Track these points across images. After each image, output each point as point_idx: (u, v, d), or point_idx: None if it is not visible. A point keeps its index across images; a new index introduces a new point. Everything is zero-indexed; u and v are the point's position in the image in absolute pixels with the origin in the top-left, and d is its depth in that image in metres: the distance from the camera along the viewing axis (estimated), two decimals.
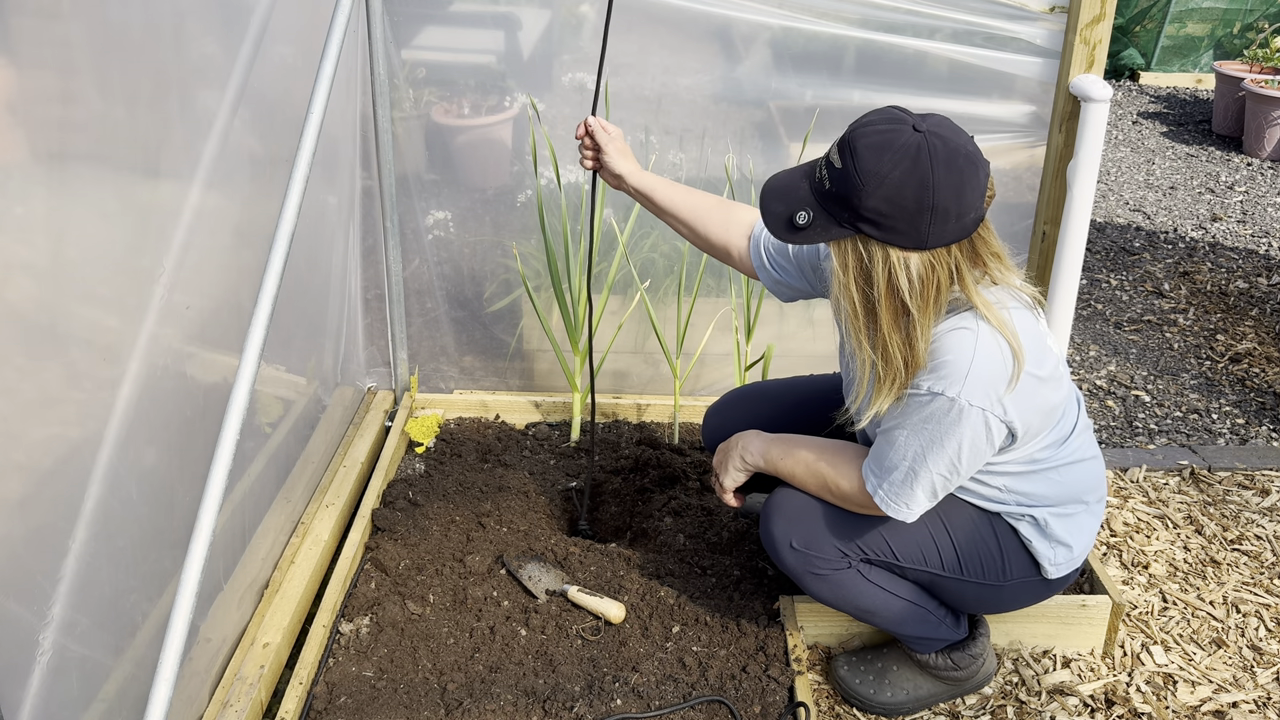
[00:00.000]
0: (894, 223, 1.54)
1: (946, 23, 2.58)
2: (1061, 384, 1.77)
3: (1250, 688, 2.17)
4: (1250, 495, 2.82)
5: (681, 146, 2.76)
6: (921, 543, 1.86)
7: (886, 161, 1.52)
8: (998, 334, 1.62)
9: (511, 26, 2.69)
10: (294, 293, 2.29)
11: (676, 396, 2.88)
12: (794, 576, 1.92)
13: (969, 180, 1.55)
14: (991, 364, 1.61)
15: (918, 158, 1.52)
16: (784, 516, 1.89)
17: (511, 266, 2.90)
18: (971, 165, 1.56)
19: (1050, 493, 1.85)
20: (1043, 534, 1.87)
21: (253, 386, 1.57)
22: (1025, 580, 1.92)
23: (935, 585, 1.92)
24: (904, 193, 1.52)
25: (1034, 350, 1.67)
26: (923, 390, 1.64)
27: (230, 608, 2.03)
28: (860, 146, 1.55)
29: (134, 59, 1.61)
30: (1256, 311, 4.04)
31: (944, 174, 1.52)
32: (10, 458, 1.34)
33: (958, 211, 1.55)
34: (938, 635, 1.99)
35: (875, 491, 1.76)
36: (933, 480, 1.71)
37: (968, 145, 1.57)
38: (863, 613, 1.93)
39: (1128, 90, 7.67)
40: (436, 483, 2.58)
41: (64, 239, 1.44)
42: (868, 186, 1.53)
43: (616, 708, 1.95)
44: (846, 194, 1.56)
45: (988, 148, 2.69)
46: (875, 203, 1.54)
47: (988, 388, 1.61)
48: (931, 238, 1.56)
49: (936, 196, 1.52)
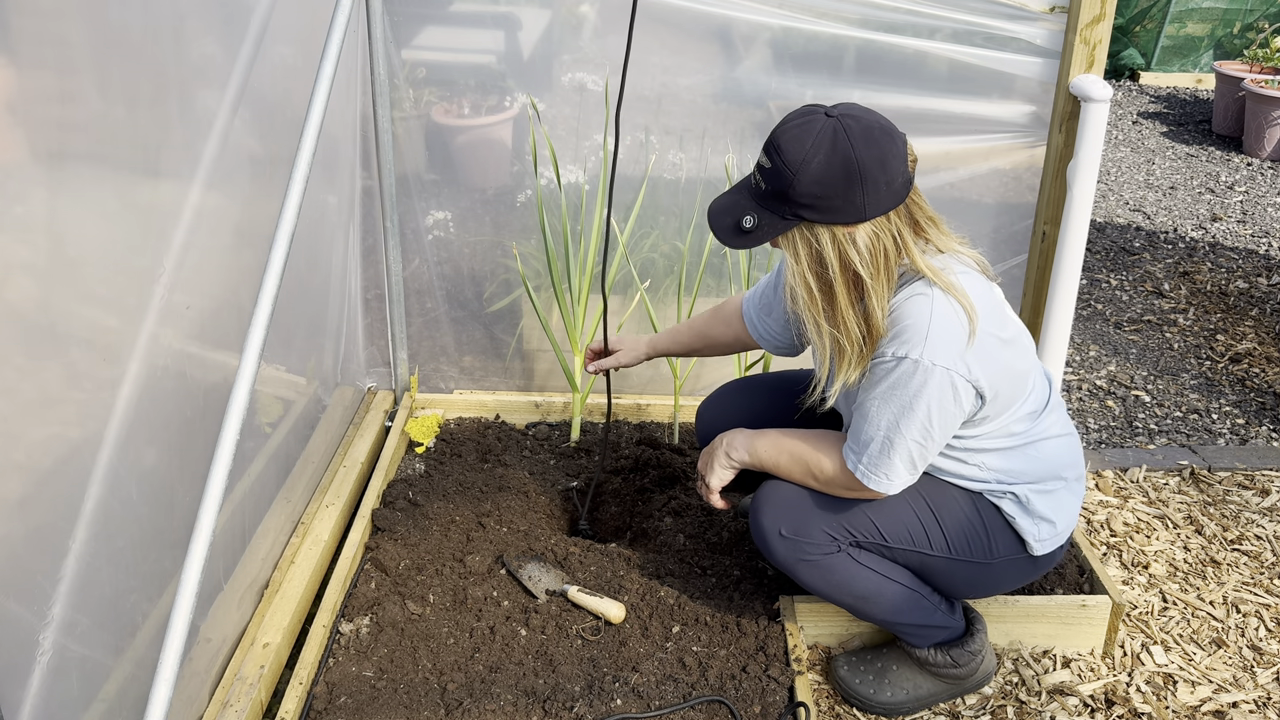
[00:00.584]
0: (830, 202, 1.65)
1: (946, 23, 2.58)
2: (1026, 351, 1.85)
3: (1250, 688, 2.17)
4: (1250, 495, 2.82)
5: (681, 146, 2.76)
6: (908, 523, 1.89)
7: (809, 147, 1.64)
8: (949, 296, 1.70)
9: (511, 26, 2.69)
10: (294, 293, 2.29)
11: (676, 396, 2.88)
12: (786, 566, 1.93)
13: (888, 149, 1.65)
14: (948, 324, 1.69)
15: (835, 138, 1.63)
16: (772, 506, 1.92)
17: (511, 266, 2.90)
18: (888, 136, 1.66)
19: (1029, 469, 1.89)
20: (1025, 510, 1.90)
21: (253, 386, 1.57)
22: (1012, 558, 1.95)
23: (925, 567, 1.94)
24: (831, 171, 1.63)
25: (993, 312, 1.76)
26: (887, 357, 1.72)
27: (230, 608, 2.03)
28: (782, 142, 1.66)
29: (134, 59, 1.61)
30: (1256, 311, 4.04)
31: (864, 147, 1.63)
32: (10, 458, 1.34)
33: (886, 179, 1.65)
34: (932, 622, 1.99)
35: (855, 467, 1.81)
36: (909, 448, 1.76)
37: (880, 120, 1.68)
38: (857, 599, 1.94)
39: (1128, 90, 7.67)
40: (436, 483, 2.58)
41: (64, 239, 1.44)
42: (798, 175, 1.64)
43: (616, 708, 1.95)
44: (781, 188, 1.66)
45: (988, 148, 2.71)
46: (807, 186, 1.64)
47: (949, 347, 1.69)
48: (869, 208, 1.66)
49: (862, 168, 1.63)
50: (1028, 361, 1.85)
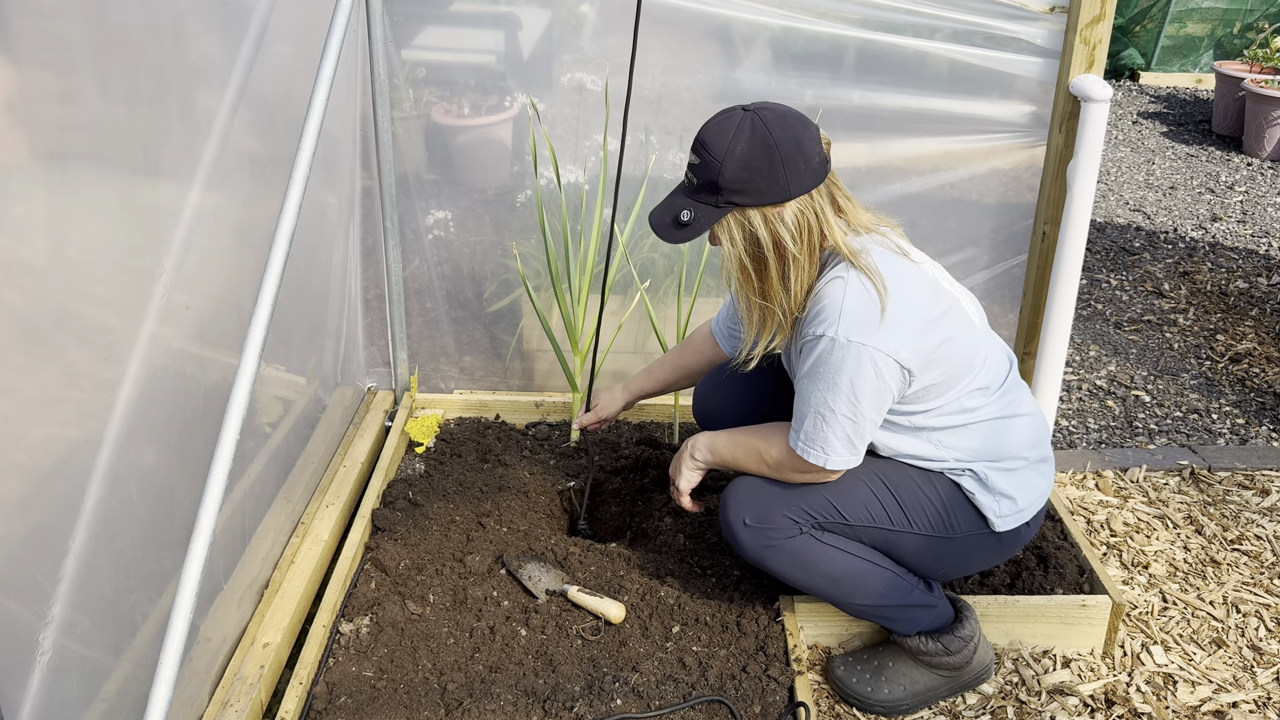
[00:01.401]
0: (756, 184, 1.77)
1: (946, 23, 2.58)
2: (969, 325, 1.92)
3: (1250, 688, 2.17)
4: (1250, 495, 2.82)
5: (681, 146, 2.76)
6: (865, 500, 1.94)
7: (731, 137, 1.77)
8: (863, 276, 1.81)
9: (511, 26, 2.69)
10: (294, 293, 2.29)
11: (676, 396, 2.88)
12: (755, 557, 1.98)
13: (802, 132, 1.79)
14: (860, 303, 1.79)
15: (754, 127, 1.77)
16: (736, 499, 1.99)
17: (511, 266, 2.90)
18: (800, 121, 1.80)
19: (985, 447, 1.94)
20: (984, 487, 1.95)
21: (253, 386, 1.57)
22: (975, 534, 1.98)
23: (890, 544, 1.97)
24: (753, 155, 1.76)
25: (920, 289, 1.85)
26: (809, 337, 1.84)
27: (230, 608, 2.03)
28: (707, 137, 1.80)
29: (134, 59, 1.62)
30: (1256, 311, 4.04)
31: (780, 132, 1.77)
32: (10, 458, 1.34)
33: (804, 159, 1.78)
34: (912, 601, 2.01)
35: (796, 444, 1.89)
36: (840, 423, 1.84)
37: (792, 110, 1.82)
38: (830, 581, 1.97)
39: (1128, 90, 7.67)
40: (436, 483, 2.58)
41: (64, 239, 1.44)
42: (724, 162, 1.77)
43: (616, 708, 1.95)
44: (712, 178, 1.79)
45: (988, 148, 2.71)
46: (734, 172, 1.76)
47: (861, 324, 1.78)
48: (793, 186, 1.78)
49: (781, 150, 1.76)
50: (969, 337, 1.91)
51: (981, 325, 1.98)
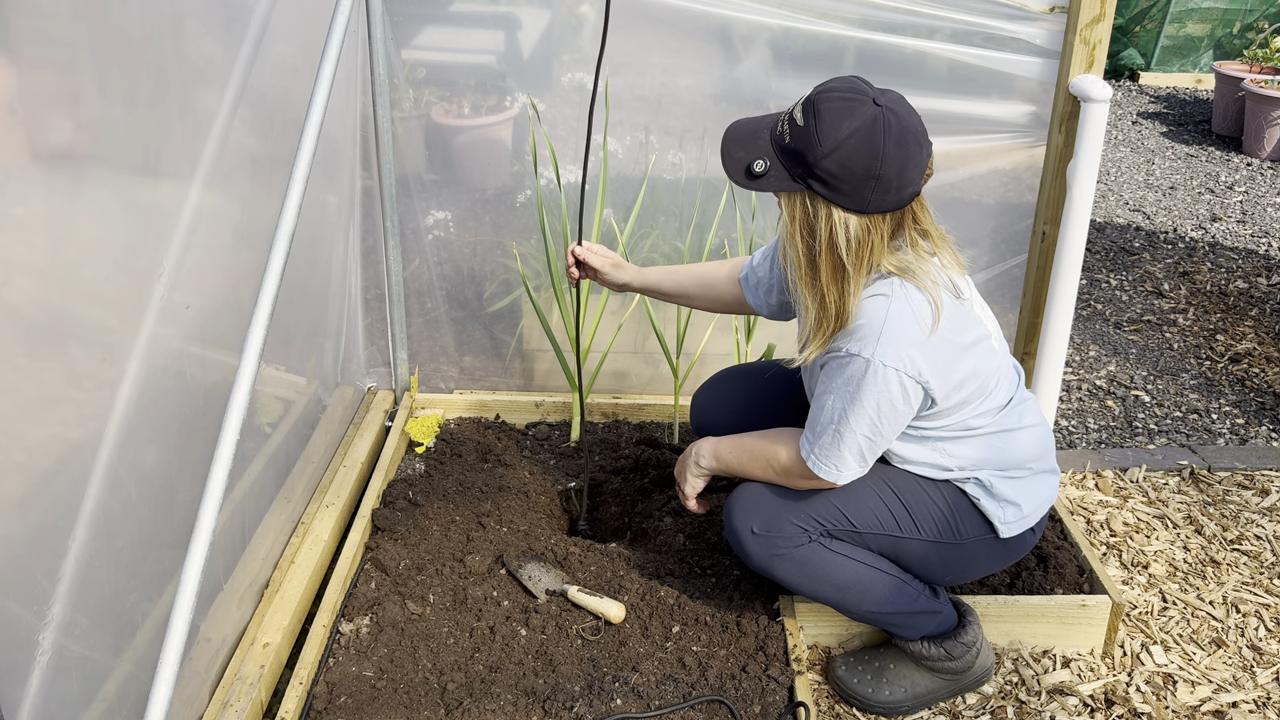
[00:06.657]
0: (842, 185, 1.69)
1: (946, 23, 2.58)
2: (991, 354, 1.88)
3: (1250, 688, 2.17)
4: (1250, 495, 2.82)
5: (681, 146, 2.76)
6: (874, 507, 1.93)
7: (845, 128, 1.66)
8: (921, 291, 1.76)
9: (511, 26, 2.69)
10: (294, 293, 2.29)
11: (676, 396, 2.88)
12: (762, 565, 1.96)
13: (913, 157, 1.70)
14: (902, 325, 1.74)
15: (873, 130, 1.66)
16: (742, 507, 1.97)
17: (511, 266, 2.90)
18: (917, 144, 1.70)
19: (991, 457, 1.93)
20: (989, 494, 1.94)
21: (253, 386, 1.57)
22: (981, 539, 1.97)
23: (899, 551, 1.96)
24: (856, 159, 1.66)
25: (954, 320, 1.80)
26: (842, 353, 1.78)
27: (230, 608, 2.03)
28: (824, 110, 1.68)
29: (134, 59, 1.61)
30: (1256, 311, 4.04)
31: (894, 149, 1.67)
32: (10, 458, 1.34)
33: (899, 184, 1.70)
34: (918, 608, 2.00)
35: (808, 456, 1.87)
36: (858, 442, 1.81)
37: (917, 125, 1.72)
38: (837, 590, 1.96)
39: (1128, 90, 7.67)
40: (436, 483, 2.58)
41: (64, 239, 1.44)
42: (825, 148, 1.67)
43: (616, 708, 1.95)
44: (804, 151, 1.69)
45: (987, 148, 2.71)
46: (829, 164, 1.67)
47: (900, 349, 1.73)
48: (872, 204, 1.70)
49: (883, 168, 1.67)
50: (992, 363, 1.88)
51: (1001, 349, 1.95)
